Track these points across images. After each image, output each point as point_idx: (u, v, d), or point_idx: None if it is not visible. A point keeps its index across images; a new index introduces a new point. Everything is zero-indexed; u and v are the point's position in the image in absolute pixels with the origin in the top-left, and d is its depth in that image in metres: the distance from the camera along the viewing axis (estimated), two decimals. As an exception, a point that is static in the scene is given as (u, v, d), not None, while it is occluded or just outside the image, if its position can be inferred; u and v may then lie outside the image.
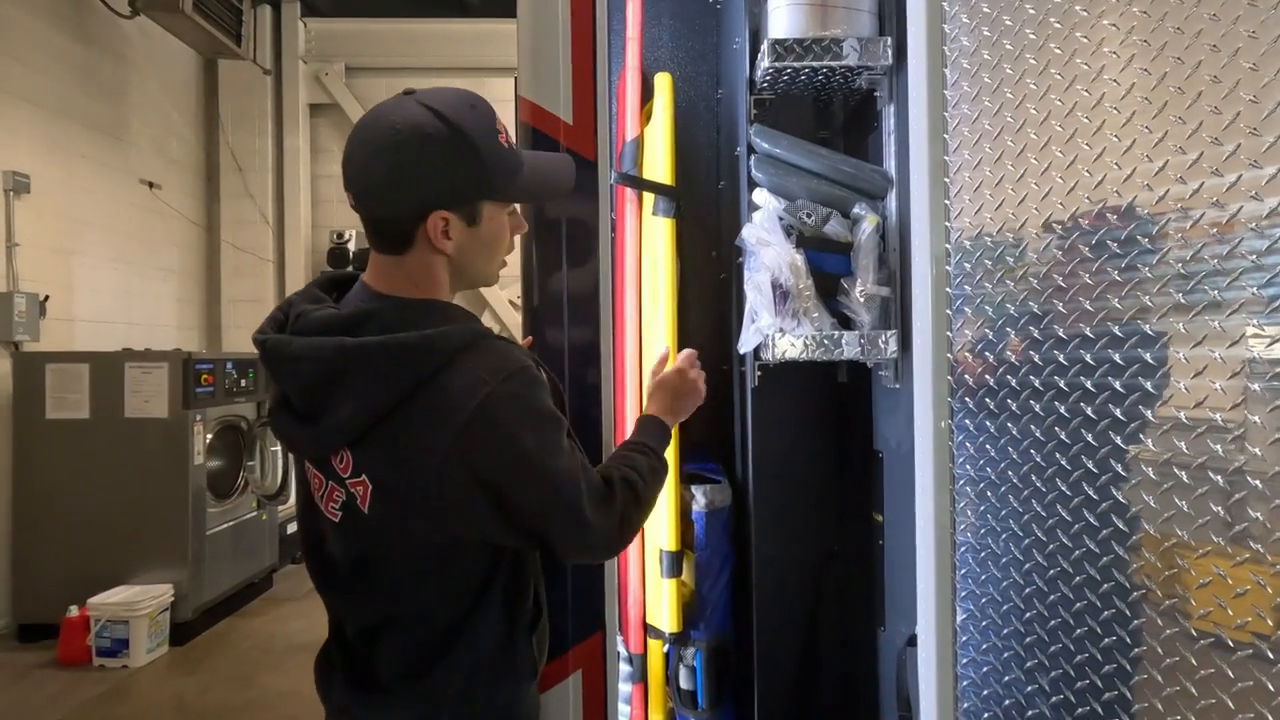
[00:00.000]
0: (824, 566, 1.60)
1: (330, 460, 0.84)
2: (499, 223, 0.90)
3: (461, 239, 0.87)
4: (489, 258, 0.91)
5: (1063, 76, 0.86)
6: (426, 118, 0.83)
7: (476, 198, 0.86)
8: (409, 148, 0.82)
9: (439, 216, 0.84)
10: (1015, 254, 0.94)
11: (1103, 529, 0.86)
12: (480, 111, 0.87)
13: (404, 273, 0.88)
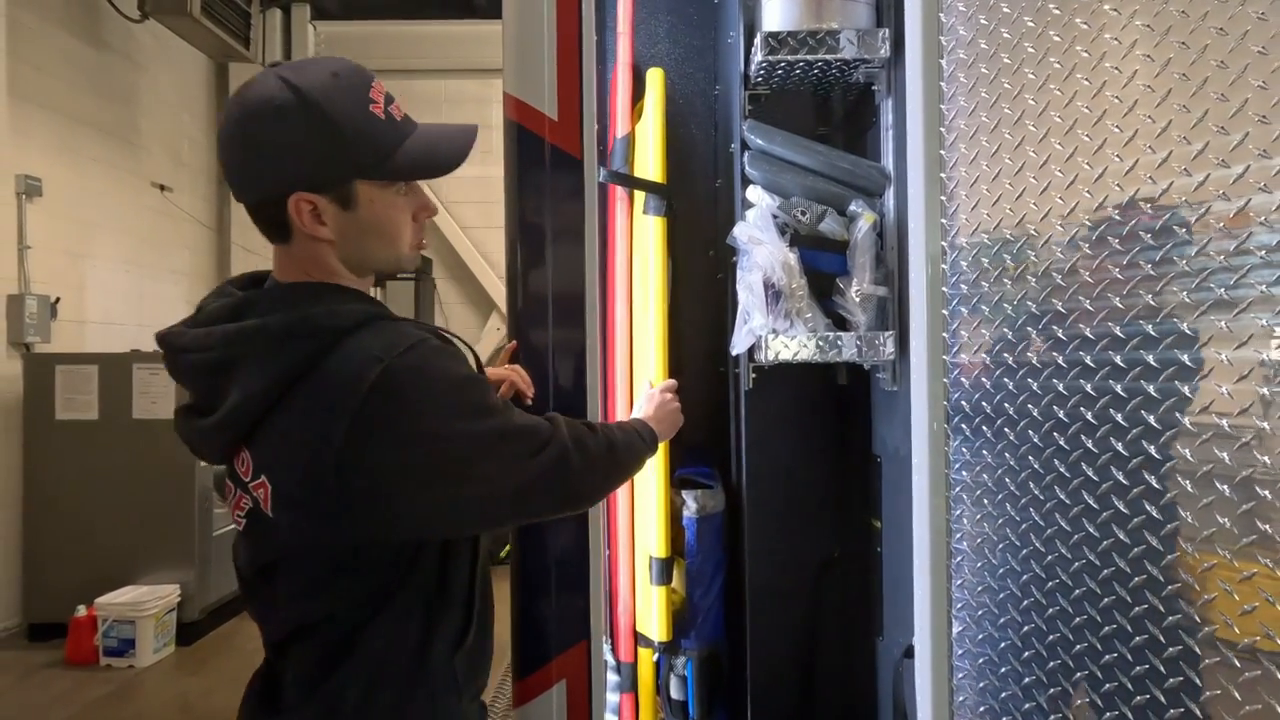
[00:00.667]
0: (822, 573, 1.56)
1: (235, 464, 0.77)
2: (384, 204, 0.81)
3: (339, 224, 0.79)
4: (381, 243, 0.82)
5: (1062, 65, 0.82)
6: (276, 89, 0.75)
7: (342, 178, 0.77)
8: (257, 123, 0.75)
9: (301, 200, 0.76)
10: (1018, 252, 0.89)
11: (1103, 540, 0.82)
12: (345, 80, 0.78)
13: (294, 262, 0.81)
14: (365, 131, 0.77)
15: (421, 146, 0.82)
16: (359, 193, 0.78)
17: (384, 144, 0.78)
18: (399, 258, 0.85)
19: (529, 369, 1.16)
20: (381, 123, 0.78)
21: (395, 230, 0.83)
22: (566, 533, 1.17)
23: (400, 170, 0.79)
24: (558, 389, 1.16)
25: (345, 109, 0.76)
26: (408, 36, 5.02)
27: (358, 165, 0.77)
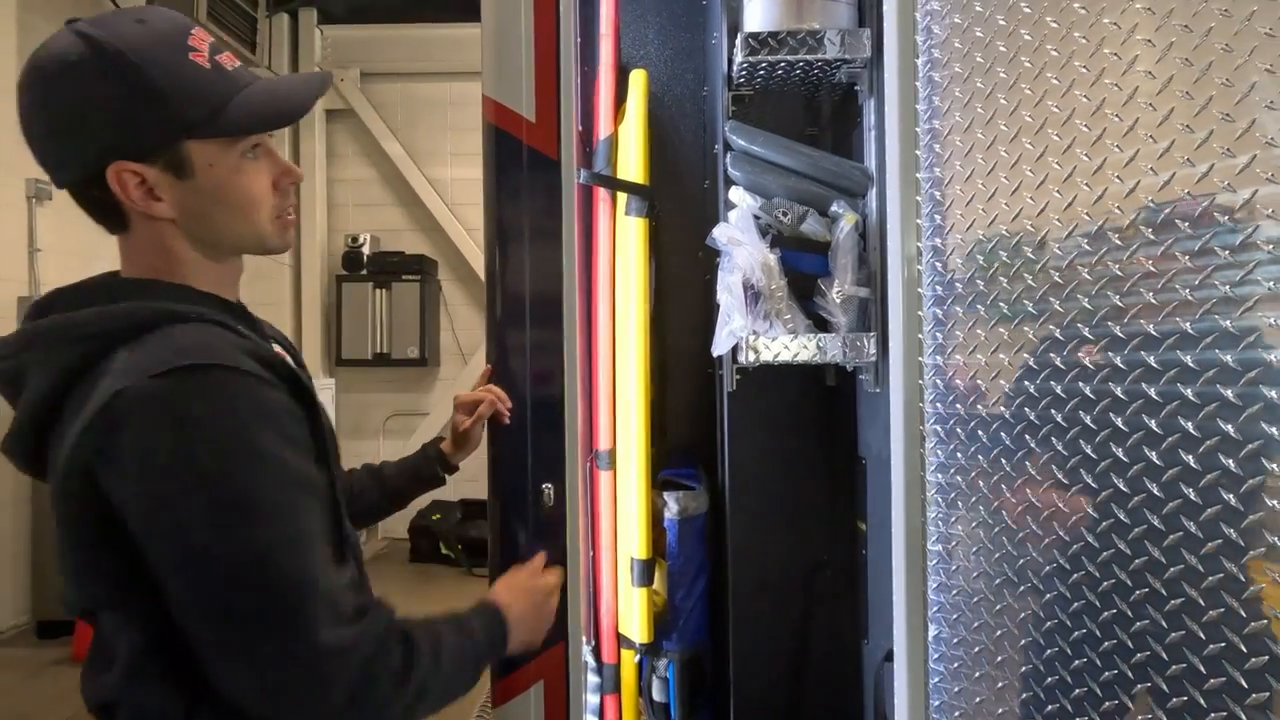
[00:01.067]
0: (812, 576, 1.55)
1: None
2: (228, 168, 0.68)
3: (178, 197, 0.67)
4: (232, 216, 0.70)
5: (1059, 52, 0.78)
6: (70, 43, 0.63)
7: (167, 139, 0.65)
8: (53, 86, 0.64)
9: (123, 171, 0.64)
10: (1014, 248, 0.87)
11: (1073, 544, 0.81)
12: (154, 27, 0.66)
13: (135, 254, 0.70)
14: (187, 82, 0.65)
15: (261, 96, 0.70)
16: (193, 156, 0.67)
17: (213, 95, 0.66)
18: (259, 234, 0.73)
19: (509, 369, 1.16)
20: (207, 72, 0.67)
21: (247, 198, 0.70)
22: (547, 535, 1.17)
23: (238, 123, 0.67)
24: (535, 389, 1.17)
25: (157, 58, 0.64)
26: (413, 40, 5.06)
27: (183, 122, 0.65)
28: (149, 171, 0.66)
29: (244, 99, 0.68)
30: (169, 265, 0.70)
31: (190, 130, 0.66)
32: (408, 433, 5.20)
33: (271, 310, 5.02)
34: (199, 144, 0.67)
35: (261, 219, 0.72)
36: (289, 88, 0.73)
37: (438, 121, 5.14)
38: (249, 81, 0.70)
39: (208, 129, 0.66)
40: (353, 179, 5.23)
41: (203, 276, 0.72)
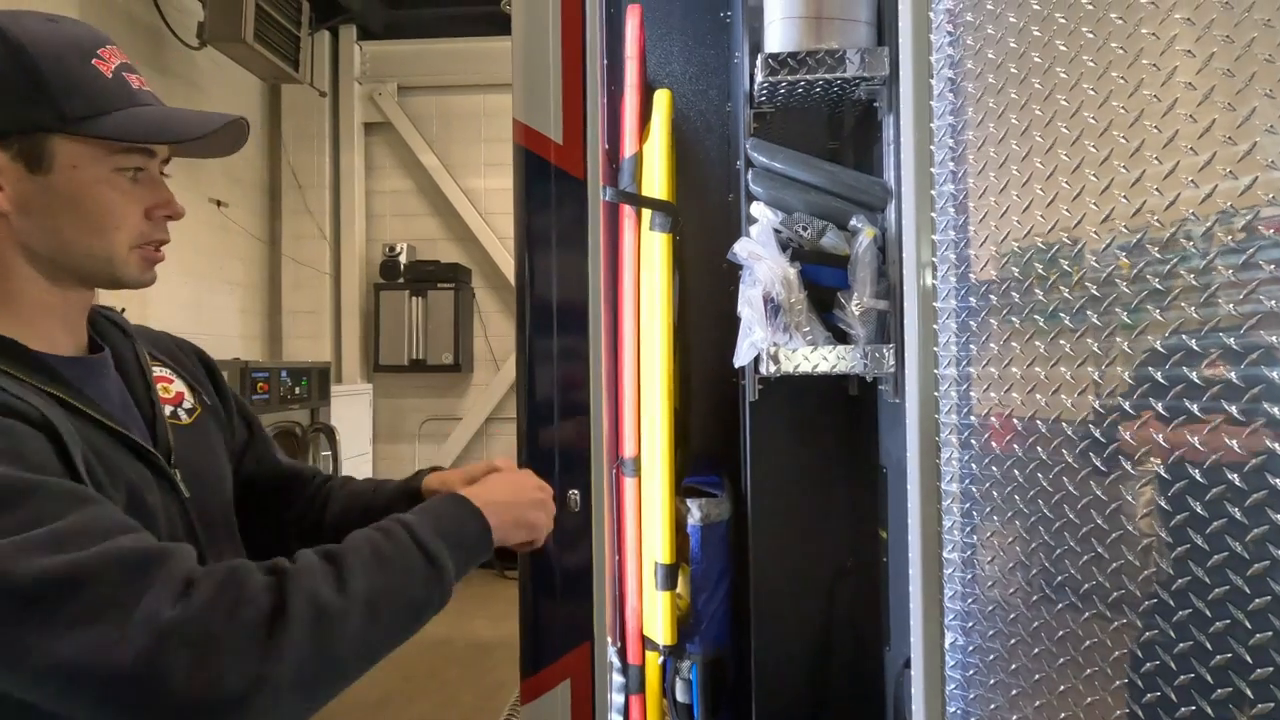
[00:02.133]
0: (835, 583, 1.57)
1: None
2: (94, 176, 0.63)
3: (23, 190, 0.61)
4: (82, 228, 0.63)
5: (1095, 63, 0.78)
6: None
7: (31, 123, 0.60)
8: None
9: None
10: (1049, 260, 0.87)
11: (1084, 554, 0.83)
12: (65, 29, 0.63)
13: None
14: (73, 78, 0.61)
15: (155, 114, 0.65)
16: (57, 151, 0.61)
17: (99, 97, 0.62)
18: (110, 256, 0.65)
19: (538, 378, 1.22)
20: (104, 79, 0.63)
21: (104, 213, 0.64)
22: (573, 538, 1.22)
23: (118, 127, 0.62)
24: (563, 394, 1.22)
25: (52, 50, 0.61)
26: (448, 54, 5.20)
27: (55, 111, 0.60)
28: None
29: (135, 112, 0.64)
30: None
31: (61, 123, 0.61)
32: (442, 437, 5.33)
33: (312, 318, 5.20)
34: (68, 141, 0.62)
35: (116, 241, 0.65)
36: (189, 115, 0.68)
37: (472, 133, 5.27)
38: (151, 103, 0.67)
39: (81, 126, 0.61)
40: (390, 190, 5.39)
41: (27, 299, 0.64)
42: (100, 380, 0.69)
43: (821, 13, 1.32)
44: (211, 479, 0.78)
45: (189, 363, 0.84)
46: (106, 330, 0.76)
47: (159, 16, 3.94)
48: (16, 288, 0.64)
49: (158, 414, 0.73)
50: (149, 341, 0.82)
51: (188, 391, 0.80)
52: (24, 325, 0.64)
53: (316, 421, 4.29)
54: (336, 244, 5.25)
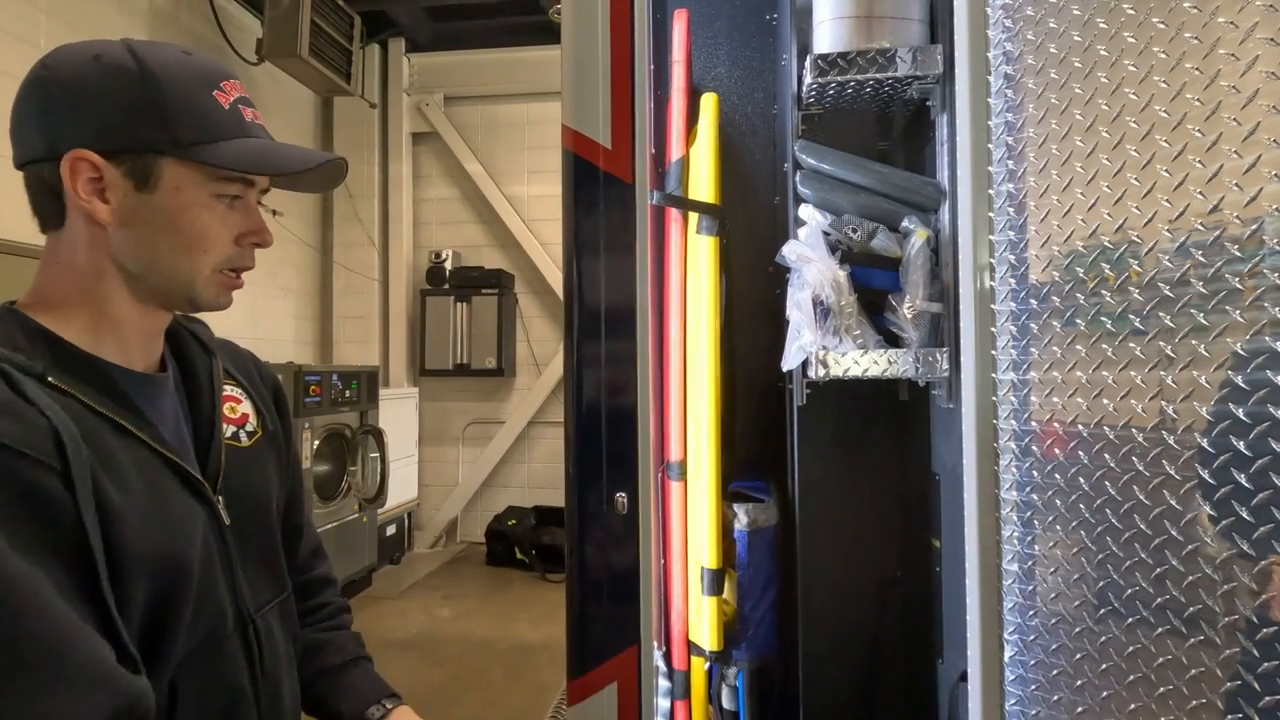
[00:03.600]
0: (885, 592, 1.54)
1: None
2: (195, 200, 0.65)
3: (128, 206, 0.64)
4: (179, 248, 0.66)
5: (1168, 55, 0.75)
6: (112, 47, 0.64)
7: (144, 143, 0.63)
8: (61, 65, 0.63)
9: (80, 159, 0.62)
10: (1117, 261, 0.83)
11: (1157, 567, 0.80)
12: (195, 61, 0.66)
13: (54, 259, 0.66)
14: (193, 106, 0.64)
15: (260, 147, 0.68)
16: (164, 172, 0.64)
17: (213, 126, 0.65)
18: (194, 278, 0.67)
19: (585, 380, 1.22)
20: (220, 109, 0.66)
21: (199, 235, 0.66)
22: (620, 541, 1.22)
23: (224, 156, 0.65)
24: (609, 400, 1.22)
25: (179, 77, 0.64)
26: (493, 64, 5.29)
27: (169, 134, 0.63)
28: (109, 170, 0.63)
29: (243, 143, 0.67)
30: (85, 278, 0.65)
31: (174, 146, 0.64)
32: (485, 440, 5.40)
33: (361, 323, 5.34)
34: (176, 164, 0.64)
35: (204, 262, 0.67)
36: (291, 150, 0.70)
37: (515, 141, 5.35)
38: (260, 136, 0.69)
39: (192, 152, 0.64)
40: (436, 198, 5.51)
41: (110, 305, 0.66)
42: (159, 400, 0.70)
43: (872, 12, 1.30)
44: (257, 503, 0.78)
45: (261, 387, 0.85)
46: (187, 345, 0.78)
47: (221, 35, 4.11)
48: (104, 297, 0.66)
49: (215, 436, 0.74)
50: (230, 358, 0.84)
51: (253, 414, 0.81)
52: (105, 337, 0.67)
53: (365, 424, 4.40)
54: (385, 251, 5.38)
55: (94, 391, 0.62)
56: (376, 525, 4.55)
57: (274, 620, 0.78)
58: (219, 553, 0.70)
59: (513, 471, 5.43)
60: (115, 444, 0.62)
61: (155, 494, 0.64)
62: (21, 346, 0.61)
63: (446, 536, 5.47)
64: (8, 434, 0.54)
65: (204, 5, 4.12)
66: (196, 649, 0.67)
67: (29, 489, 0.54)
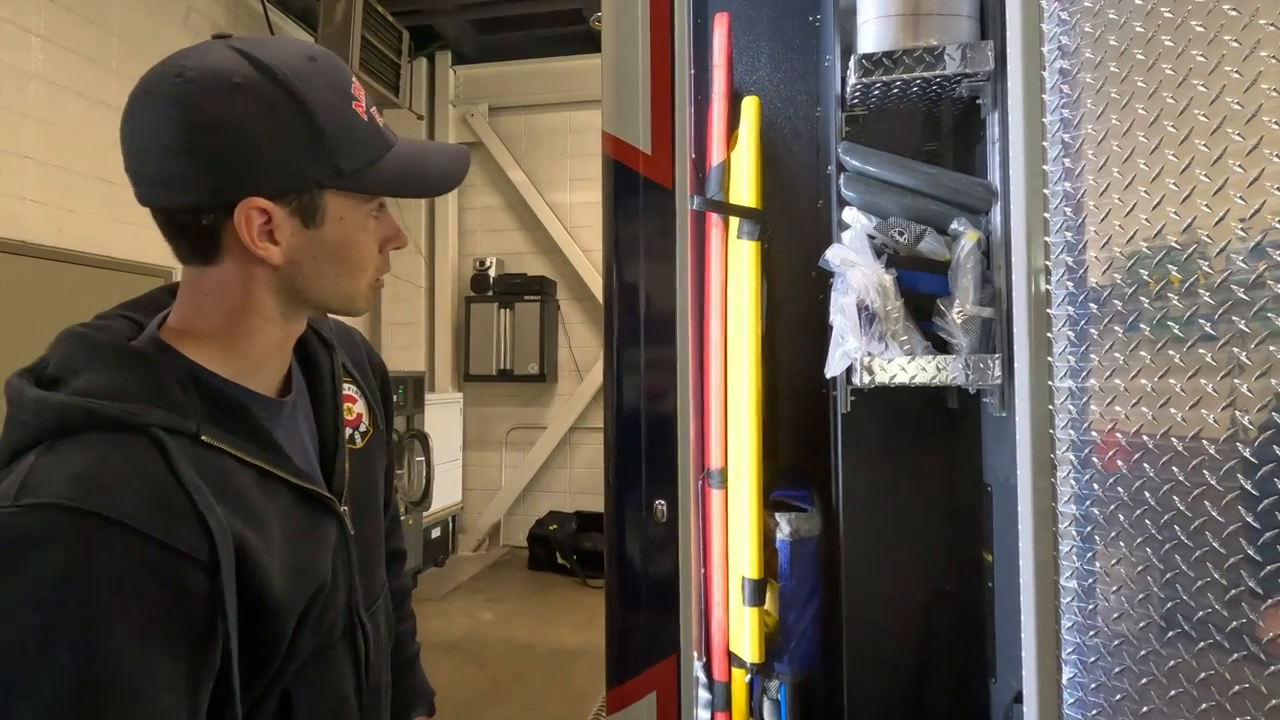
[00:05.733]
0: (933, 606, 1.49)
1: None
2: (356, 225, 0.64)
3: (296, 245, 0.62)
4: (340, 273, 0.65)
5: (1240, 44, 0.71)
6: (234, 62, 0.58)
7: (314, 184, 0.61)
8: (204, 101, 0.57)
9: (253, 208, 0.59)
10: (1184, 263, 0.79)
11: (1231, 588, 0.75)
12: (323, 67, 0.62)
13: (203, 288, 0.63)
14: (349, 131, 0.62)
15: (409, 158, 0.67)
16: (329, 206, 0.62)
17: (368, 149, 0.63)
18: (354, 295, 0.67)
19: (625, 386, 1.22)
20: (365, 125, 0.64)
21: (361, 259, 0.66)
22: (659, 549, 1.21)
23: (383, 183, 0.64)
24: (650, 407, 1.22)
25: (325, 99, 0.60)
26: (536, 74, 5.37)
27: (334, 168, 0.61)
28: (278, 212, 0.60)
29: (393, 161, 0.65)
30: (242, 313, 0.63)
31: (338, 179, 0.62)
32: (527, 445, 5.46)
33: (407, 330, 5.46)
34: (338, 196, 0.63)
35: (365, 280, 0.68)
36: (436, 154, 0.70)
37: (558, 149, 5.41)
38: (394, 140, 0.68)
39: (354, 181, 0.63)
40: (481, 207, 5.60)
41: (259, 335, 0.65)
42: (290, 424, 0.70)
43: (919, 9, 1.27)
44: (372, 505, 0.79)
45: (372, 380, 0.85)
46: (311, 343, 0.76)
47: (277, 52, 4.27)
48: (255, 326, 0.64)
49: (339, 444, 0.73)
50: (348, 349, 0.83)
51: (366, 413, 0.81)
52: (247, 362, 0.65)
53: (411, 428, 4.49)
54: (431, 259, 5.50)
55: (241, 440, 0.61)
56: (422, 528, 4.63)
57: (380, 614, 0.79)
58: (343, 564, 0.70)
59: (554, 476, 5.47)
60: (259, 494, 0.61)
61: (295, 535, 0.64)
62: (177, 400, 0.59)
63: (489, 540, 5.54)
64: (159, 527, 0.52)
65: (261, 25, 4.29)
66: (309, 659, 0.67)
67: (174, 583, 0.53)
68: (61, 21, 3.21)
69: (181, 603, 0.53)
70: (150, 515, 0.52)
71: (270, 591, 0.59)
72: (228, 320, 0.64)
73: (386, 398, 0.88)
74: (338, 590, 0.69)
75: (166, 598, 0.52)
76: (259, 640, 0.60)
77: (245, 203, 0.59)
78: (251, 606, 0.58)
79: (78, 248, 3.10)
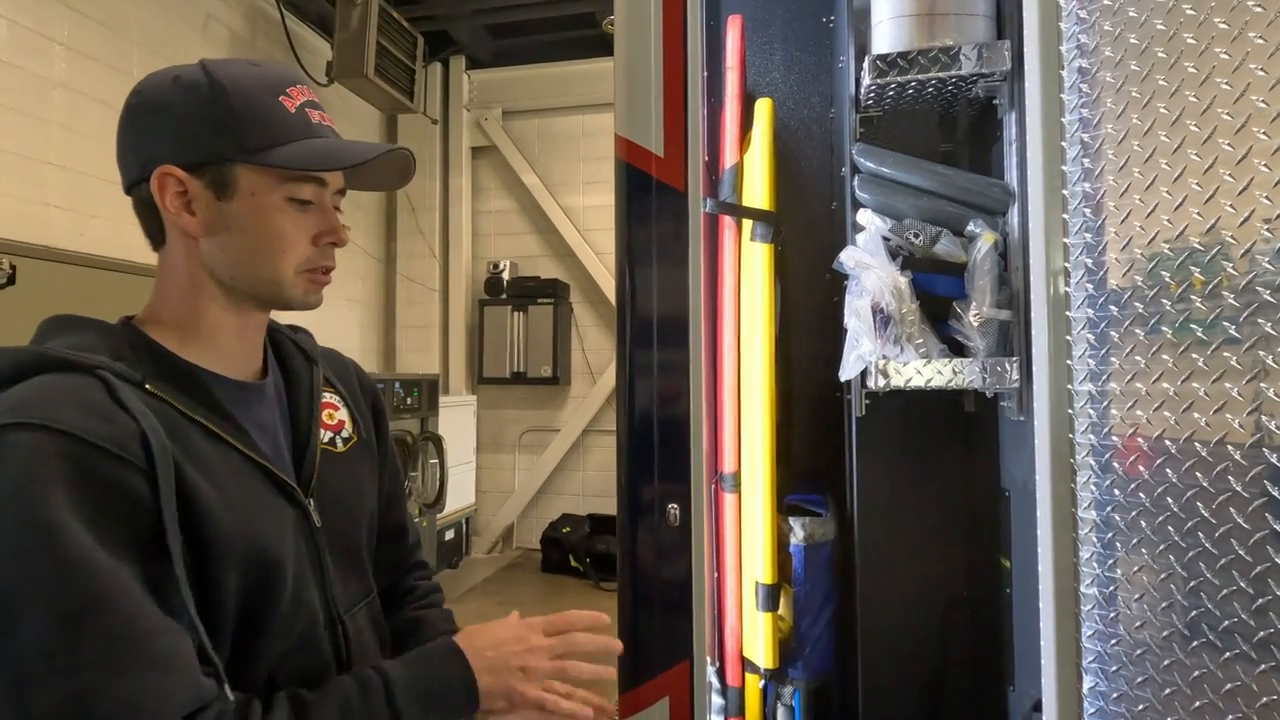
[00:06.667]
0: (950, 613, 1.47)
1: None
2: (270, 204, 0.68)
3: (211, 216, 0.67)
4: (259, 252, 0.68)
5: (1266, 41, 0.70)
6: (190, 68, 0.69)
7: (219, 153, 0.66)
8: (147, 90, 0.69)
9: (166, 175, 0.66)
10: (1208, 264, 0.78)
11: (1259, 597, 0.73)
12: (263, 70, 0.70)
13: (163, 274, 0.71)
14: (259, 110, 0.67)
15: (323, 145, 0.70)
16: (240, 179, 0.67)
17: (279, 129, 0.67)
18: (278, 279, 0.70)
19: (637, 389, 1.22)
20: (287, 113, 0.68)
21: (276, 238, 0.68)
22: (672, 553, 1.20)
23: (284, 157, 0.67)
24: (662, 407, 1.21)
25: (246, 86, 0.67)
26: (549, 77, 5.39)
27: (238, 142, 0.66)
28: (192, 183, 0.66)
29: (307, 143, 0.69)
30: (186, 292, 0.69)
31: (242, 153, 0.66)
32: (540, 448, 5.47)
33: (422, 333, 5.49)
34: (249, 170, 0.67)
35: (285, 265, 0.70)
36: (351, 145, 0.72)
37: (571, 152, 5.43)
38: (328, 136, 0.71)
39: (258, 157, 0.67)
40: (495, 210, 5.63)
41: (209, 316, 0.70)
42: (255, 407, 0.73)
43: (934, 9, 1.26)
44: (349, 508, 0.80)
45: (360, 396, 0.88)
46: (289, 354, 0.81)
47: (294, 58, 4.32)
48: (202, 307, 0.70)
49: (311, 441, 0.76)
50: (332, 366, 0.87)
51: (349, 421, 0.84)
52: (206, 347, 0.71)
53: (425, 430, 4.52)
54: (445, 262, 5.53)
55: (188, 399, 0.66)
56: (436, 530, 4.65)
57: (364, 621, 0.79)
58: (309, 553, 0.72)
59: (568, 479, 5.47)
60: (206, 446, 0.65)
61: (246, 493, 0.66)
62: (126, 357, 0.65)
63: (503, 542, 5.55)
64: (97, 434, 0.57)
65: (279, 31, 4.34)
66: (293, 647, 0.69)
67: (115, 485, 0.57)
68: (84, 30, 3.27)
69: (125, 503, 0.57)
70: (88, 424, 0.57)
71: (217, 531, 0.61)
72: (181, 301, 0.70)
73: (379, 417, 0.90)
74: (306, 579, 0.71)
75: (109, 498, 0.57)
76: (206, 587, 0.61)
77: (159, 169, 0.66)
78: (198, 544, 0.61)
79: (99, 252, 3.15)
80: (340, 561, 0.76)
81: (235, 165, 0.67)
